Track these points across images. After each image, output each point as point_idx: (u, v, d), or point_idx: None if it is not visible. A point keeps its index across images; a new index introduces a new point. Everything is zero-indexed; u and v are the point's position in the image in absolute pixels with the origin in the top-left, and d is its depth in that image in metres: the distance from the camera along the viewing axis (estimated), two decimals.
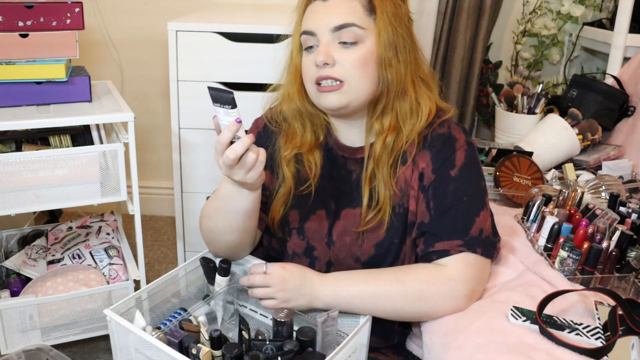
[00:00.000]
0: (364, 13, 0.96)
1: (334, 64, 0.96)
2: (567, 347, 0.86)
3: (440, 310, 0.97)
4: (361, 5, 0.97)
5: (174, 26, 1.67)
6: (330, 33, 0.96)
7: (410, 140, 1.02)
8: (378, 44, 0.97)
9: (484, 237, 0.99)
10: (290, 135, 1.08)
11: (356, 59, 0.96)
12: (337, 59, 0.96)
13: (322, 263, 1.08)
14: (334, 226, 1.06)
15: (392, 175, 1.02)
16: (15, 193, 1.32)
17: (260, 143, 1.12)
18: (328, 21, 0.96)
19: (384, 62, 0.97)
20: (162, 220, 2.40)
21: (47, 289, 1.46)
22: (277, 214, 1.10)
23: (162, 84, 2.23)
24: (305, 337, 0.94)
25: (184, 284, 1.12)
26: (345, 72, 0.96)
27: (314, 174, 1.07)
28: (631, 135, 1.76)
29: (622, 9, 1.87)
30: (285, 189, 1.08)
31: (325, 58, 0.95)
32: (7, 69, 1.38)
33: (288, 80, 1.07)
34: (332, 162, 1.08)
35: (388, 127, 1.01)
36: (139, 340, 0.91)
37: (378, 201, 1.02)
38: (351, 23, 0.95)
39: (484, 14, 2.06)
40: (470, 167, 1.01)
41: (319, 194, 1.08)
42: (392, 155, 1.02)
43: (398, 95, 1.00)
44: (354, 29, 0.95)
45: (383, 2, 0.97)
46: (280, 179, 1.09)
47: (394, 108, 1.01)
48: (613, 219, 1.18)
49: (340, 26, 0.95)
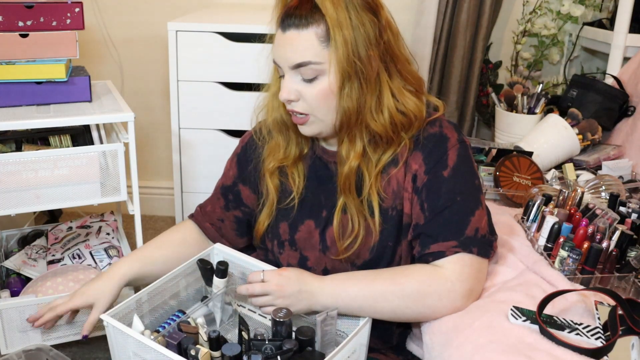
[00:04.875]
0: (319, 45, 0.93)
1: (297, 99, 0.97)
2: (567, 347, 0.86)
3: (437, 310, 0.97)
4: (317, 36, 0.92)
5: (174, 26, 1.67)
6: (290, 70, 0.96)
7: (403, 146, 1.02)
8: (335, 76, 0.94)
9: (479, 236, 0.99)
10: (274, 148, 1.09)
11: (317, 93, 0.95)
12: (300, 93, 0.97)
13: (318, 271, 1.08)
14: (327, 232, 1.06)
15: (384, 185, 1.02)
16: (15, 193, 1.32)
17: (243, 161, 1.17)
18: (287, 58, 0.95)
19: (342, 93, 0.95)
20: (162, 220, 2.40)
21: (47, 289, 1.46)
22: (261, 227, 1.12)
23: (162, 84, 2.23)
24: (304, 336, 0.94)
25: (183, 285, 1.12)
26: (308, 107, 0.97)
27: (297, 187, 1.08)
28: (631, 135, 1.76)
29: (622, 9, 1.87)
30: (269, 202, 1.10)
31: (287, 96, 0.97)
32: (7, 69, 1.38)
33: (271, 92, 1.07)
34: (322, 169, 1.08)
35: (354, 155, 1.00)
36: (137, 344, 0.91)
37: (352, 229, 1.03)
38: (307, 62, 0.93)
39: (484, 14, 2.06)
40: (463, 166, 1.01)
41: (306, 205, 1.09)
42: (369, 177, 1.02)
43: (367, 118, 0.98)
44: (311, 66, 0.94)
45: (340, 27, 0.91)
46: (265, 193, 1.11)
47: (368, 130, 0.99)
48: (613, 218, 1.18)
49: (297, 65, 0.94)
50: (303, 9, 0.93)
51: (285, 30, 0.94)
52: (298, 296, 0.98)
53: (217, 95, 1.75)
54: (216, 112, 1.76)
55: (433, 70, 2.13)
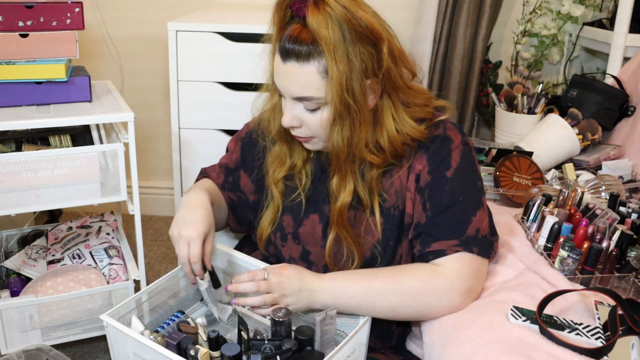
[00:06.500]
0: (320, 80, 0.92)
1: (300, 125, 0.98)
2: (567, 347, 0.86)
3: (436, 308, 0.97)
4: (317, 71, 0.91)
5: (174, 26, 1.67)
6: (292, 99, 0.96)
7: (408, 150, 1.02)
8: (327, 112, 0.94)
9: (480, 236, 1.00)
10: (278, 158, 1.10)
11: (319, 121, 0.96)
12: (303, 120, 0.97)
13: (319, 266, 1.08)
14: (329, 228, 1.06)
15: (387, 185, 1.03)
16: (15, 193, 1.32)
17: (246, 147, 1.17)
18: (288, 89, 0.95)
19: (331, 129, 0.95)
20: (162, 220, 2.40)
21: (47, 289, 1.46)
22: (264, 232, 1.12)
23: (162, 84, 2.23)
24: (303, 336, 0.94)
25: (184, 284, 1.12)
26: (311, 132, 0.98)
27: (304, 185, 1.09)
28: (631, 135, 1.76)
29: (622, 9, 1.87)
30: (274, 208, 1.11)
31: (290, 123, 0.97)
32: (7, 69, 1.37)
33: (271, 105, 1.07)
34: (327, 164, 1.08)
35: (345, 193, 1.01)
36: (137, 344, 0.91)
37: (347, 257, 1.04)
38: (309, 97, 0.93)
39: (484, 14, 2.06)
40: (467, 167, 1.01)
41: (311, 199, 1.09)
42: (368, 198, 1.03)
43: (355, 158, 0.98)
44: (312, 99, 0.94)
45: (336, 63, 0.89)
46: (269, 199, 1.12)
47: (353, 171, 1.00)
48: (613, 218, 1.18)
49: (299, 98, 0.95)
50: (303, 42, 0.90)
51: (286, 61, 0.93)
52: (299, 294, 0.99)
53: (217, 95, 1.74)
54: (216, 112, 1.76)
55: (433, 70, 2.13)
